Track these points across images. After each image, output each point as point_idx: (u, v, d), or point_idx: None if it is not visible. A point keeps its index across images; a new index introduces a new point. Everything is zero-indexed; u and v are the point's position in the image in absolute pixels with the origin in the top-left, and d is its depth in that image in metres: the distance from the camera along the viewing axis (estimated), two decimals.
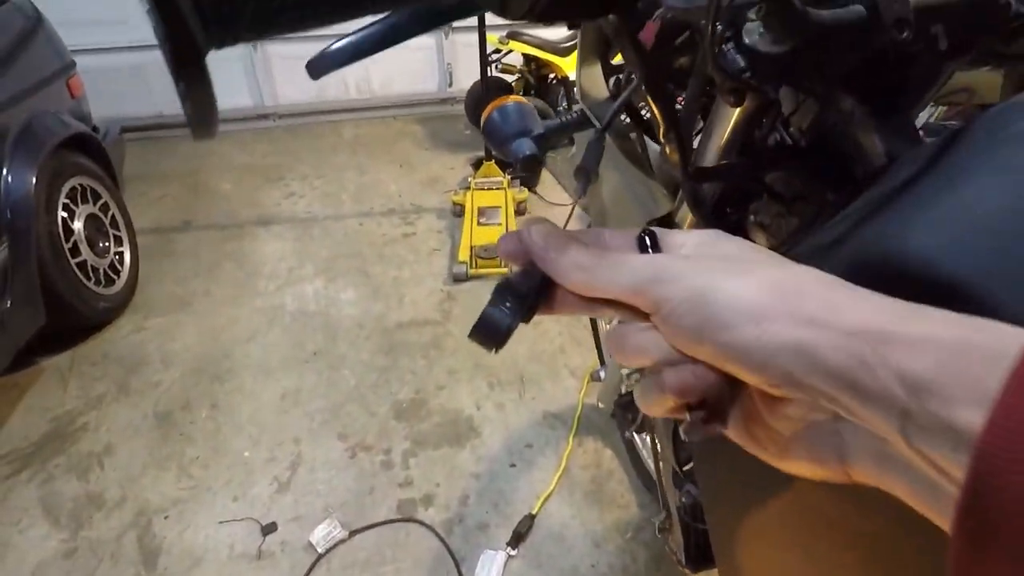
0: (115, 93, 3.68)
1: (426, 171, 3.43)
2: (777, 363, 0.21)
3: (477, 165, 3.18)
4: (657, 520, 0.87)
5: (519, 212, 2.93)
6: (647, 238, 0.28)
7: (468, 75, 3.90)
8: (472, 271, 2.44)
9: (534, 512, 1.51)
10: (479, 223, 2.69)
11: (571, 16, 0.26)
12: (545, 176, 3.26)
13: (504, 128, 0.86)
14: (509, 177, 3.01)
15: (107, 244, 2.29)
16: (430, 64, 4.30)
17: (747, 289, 0.22)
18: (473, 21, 2.94)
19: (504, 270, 2.44)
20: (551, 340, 2.11)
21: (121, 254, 2.38)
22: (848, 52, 0.47)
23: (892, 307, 0.22)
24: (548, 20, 0.26)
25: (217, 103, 0.22)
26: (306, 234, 2.84)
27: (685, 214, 0.79)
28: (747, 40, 0.52)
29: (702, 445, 0.57)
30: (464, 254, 2.51)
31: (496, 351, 0.28)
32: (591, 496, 1.56)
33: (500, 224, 2.68)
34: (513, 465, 1.66)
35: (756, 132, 0.66)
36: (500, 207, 2.79)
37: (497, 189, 2.91)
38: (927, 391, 0.18)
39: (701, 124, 0.72)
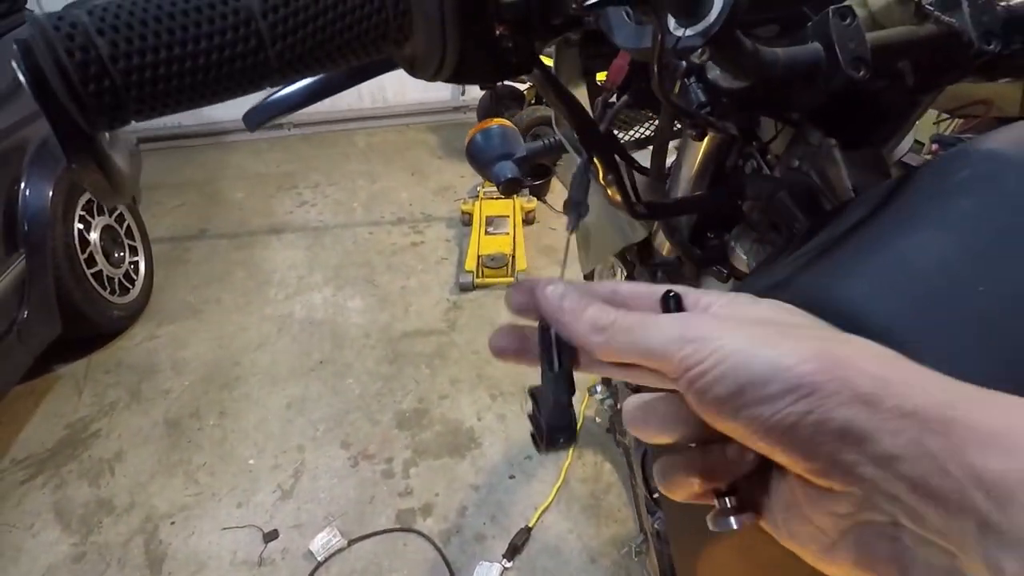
0: None
1: (437, 179, 3.46)
2: (826, 447, 0.18)
3: None
4: (634, 543, 0.88)
5: (527, 221, 2.94)
6: (671, 300, 0.25)
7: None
8: (478, 281, 2.45)
9: (531, 525, 1.51)
10: (487, 232, 2.71)
11: (474, 82, 0.27)
12: (555, 185, 3.26)
13: (487, 151, 0.87)
14: None
15: (122, 254, 2.34)
16: None
17: (791, 357, 0.19)
18: None
19: (511, 279, 2.45)
20: None
21: (136, 263, 2.44)
22: (810, 89, 0.48)
23: (960, 390, 0.18)
24: (456, 83, 0.27)
25: (120, 171, 0.24)
26: (317, 242, 2.88)
27: (663, 239, 0.80)
28: (709, 76, 0.52)
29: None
30: (471, 263, 2.52)
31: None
32: (589, 510, 1.56)
33: (508, 233, 2.70)
34: (512, 477, 1.66)
35: (727, 161, 0.66)
36: (508, 216, 2.80)
37: (506, 198, 2.92)
38: (1012, 499, 0.15)
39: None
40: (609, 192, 0.48)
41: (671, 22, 0.38)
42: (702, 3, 0.37)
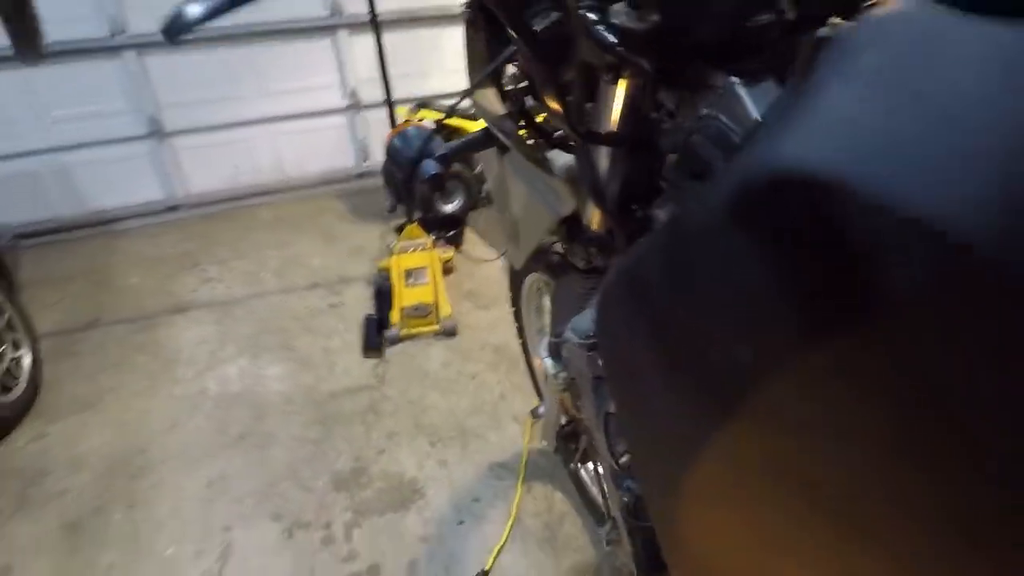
0: (4, 200, 3.60)
1: (350, 242, 3.41)
2: None
3: (401, 230, 3.19)
4: (603, 532, 0.84)
5: (446, 271, 2.93)
6: None
7: (383, 148, 3.96)
8: (404, 332, 2.40)
9: (487, 568, 1.43)
10: (407, 284, 2.67)
11: None
12: (470, 235, 3.30)
13: (406, 151, 0.87)
14: (433, 237, 3.03)
15: (2, 349, 2.10)
16: (343, 140, 4.35)
17: None
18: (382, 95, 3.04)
19: (436, 327, 2.41)
20: (491, 389, 2.07)
21: (18, 359, 2.20)
22: (706, 25, 0.51)
23: None
24: None
25: (38, 23, 0.22)
26: (227, 316, 2.72)
27: (591, 214, 0.82)
28: (615, 20, 0.56)
29: (625, 403, 0.55)
30: (395, 317, 2.47)
31: None
32: (545, 543, 1.50)
33: (428, 283, 2.67)
34: (462, 522, 1.58)
35: (642, 109, 0.69)
36: (427, 267, 2.78)
37: (422, 250, 2.91)
38: None
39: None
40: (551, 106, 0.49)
41: None
42: None
